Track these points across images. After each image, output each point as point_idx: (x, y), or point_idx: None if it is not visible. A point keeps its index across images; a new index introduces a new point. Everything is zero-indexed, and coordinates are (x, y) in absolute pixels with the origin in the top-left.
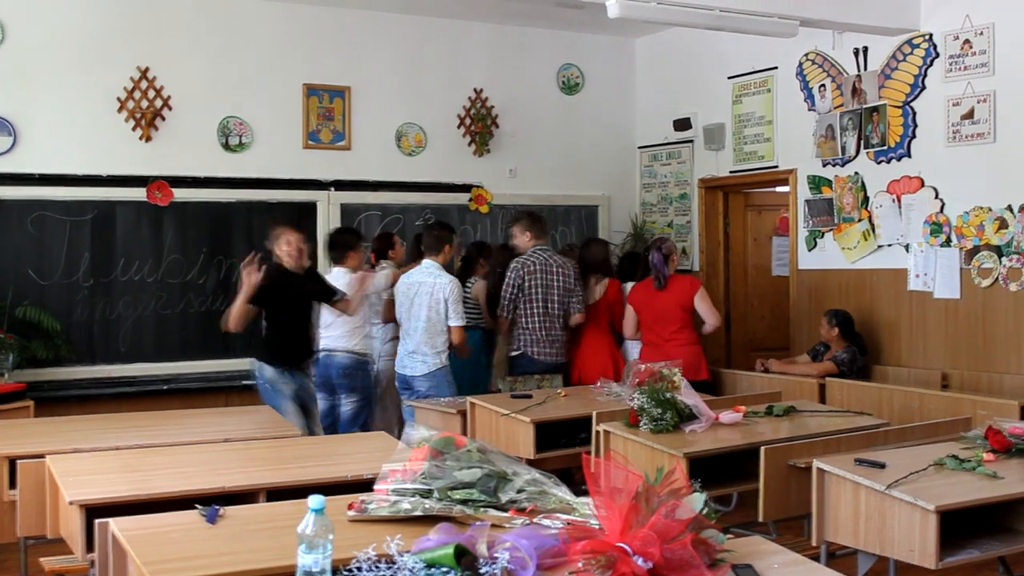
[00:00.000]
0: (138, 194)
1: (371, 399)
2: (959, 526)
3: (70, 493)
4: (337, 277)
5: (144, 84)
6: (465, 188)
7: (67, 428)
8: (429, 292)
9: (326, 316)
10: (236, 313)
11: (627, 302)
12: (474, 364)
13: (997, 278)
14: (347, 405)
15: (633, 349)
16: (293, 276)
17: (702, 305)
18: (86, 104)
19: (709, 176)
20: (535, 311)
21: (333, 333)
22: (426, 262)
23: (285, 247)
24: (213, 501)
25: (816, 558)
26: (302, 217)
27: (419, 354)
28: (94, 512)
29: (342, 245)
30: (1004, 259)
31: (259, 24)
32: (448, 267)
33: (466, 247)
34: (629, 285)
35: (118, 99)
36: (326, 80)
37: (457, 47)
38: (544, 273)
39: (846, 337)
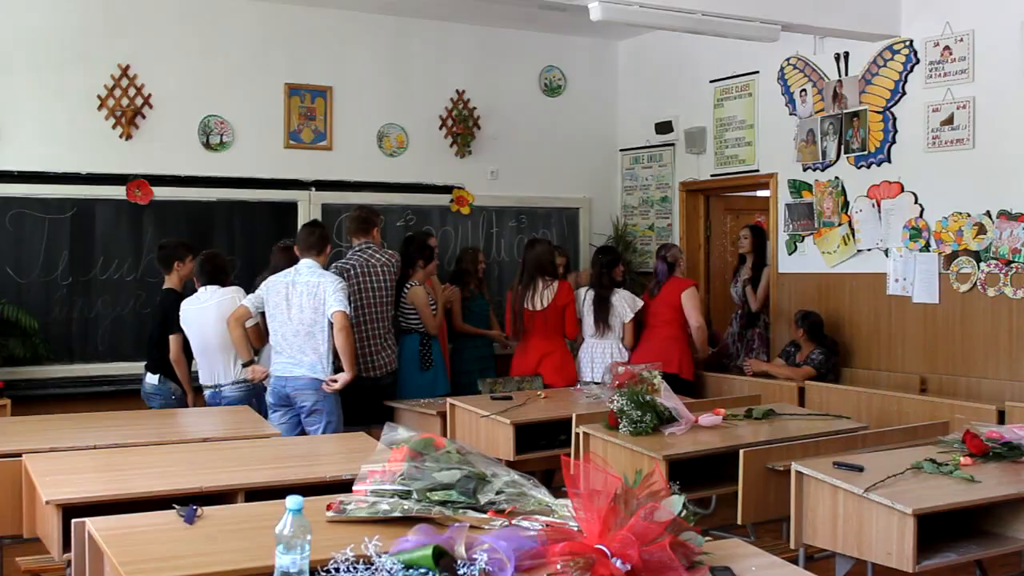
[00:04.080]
0: (118, 192)
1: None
2: (936, 529)
3: (47, 492)
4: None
5: (125, 82)
6: (446, 189)
7: (44, 427)
8: (312, 293)
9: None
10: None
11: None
12: (412, 372)
13: (975, 283)
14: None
15: (587, 353)
16: None
17: (688, 304)
18: (66, 102)
19: (690, 179)
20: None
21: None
22: (305, 261)
23: None
24: (191, 501)
25: (794, 561)
26: (283, 217)
27: (302, 358)
28: (71, 512)
29: (217, 269)
30: (982, 264)
31: (241, 23)
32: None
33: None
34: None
35: (98, 97)
36: (308, 80)
37: (440, 48)
38: (365, 275)
39: (814, 338)
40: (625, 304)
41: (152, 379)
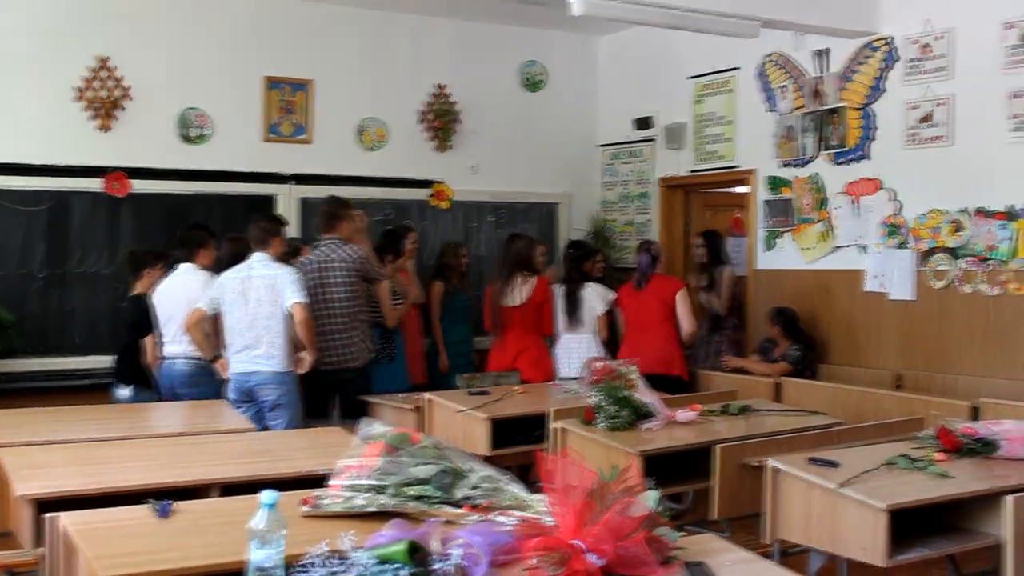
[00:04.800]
0: (95, 185)
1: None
2: (909, 525)
3: (20, 486)
4: (186, 274)
5: (104, 74)
6: (426, 184)
7: (19, 420)
8: (268, 286)
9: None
10: None
11: (616, 304)
12: (371, 362)
13: (952, 280)
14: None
15: (562, 348)
16: None
17: (682, 308)
18: (44, 93)
19: (670, 175)
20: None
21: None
22: (257, 255)
23: None
24: (166, 496)
25: (769, 556)
26: (261, 211)
27: (262, 352)
28: (44, 506)
29: (191, 242)
30: (959, 261)
31: (221, 15)
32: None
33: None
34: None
35: (76, 89)
36: (288, 73)
37: (420, 42)
38: (323, 270)
39: (789, 334)
40: (597, 297)
41: (125, 392)
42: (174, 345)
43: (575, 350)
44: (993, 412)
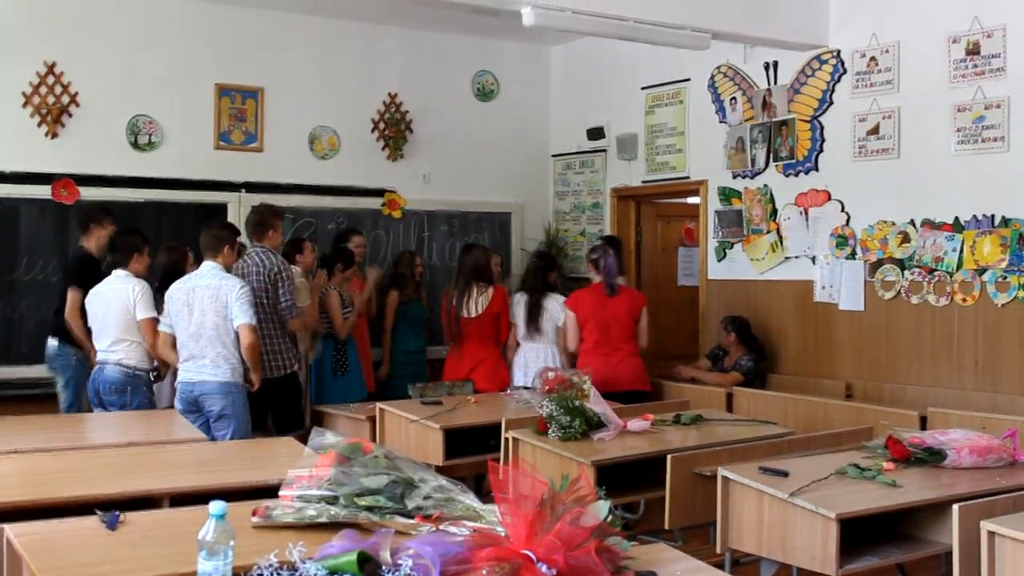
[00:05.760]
0: (43, 192)
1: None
2: (859, 534)
3: None
4: (118, 281)
5: (51, 79)
6: (378, 193)
7: None
8: (214, 296)
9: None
10: None
11: (569, 309)
12: (326, 377)
13: (900, 291)
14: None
15: (520, 358)
16: None
17: (644, 321)
18: None
19: (621, 185)
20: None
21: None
22: (206, 264)
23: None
24: (115, 506)
25: (720, 565)
26: (212, 219)
27: (208, 362)
28: None
29: (126, 247)
30: (906, 272)
31: (171, 22)
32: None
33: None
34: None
35: (23, 94)
36: (239, 80)
37: (372, 51)
38: (241, 277)
39: (743, 341)
40: (559, 307)
41: (52, 343)
42: (105, 353)
43: (533, 359)
44: (941, 421)
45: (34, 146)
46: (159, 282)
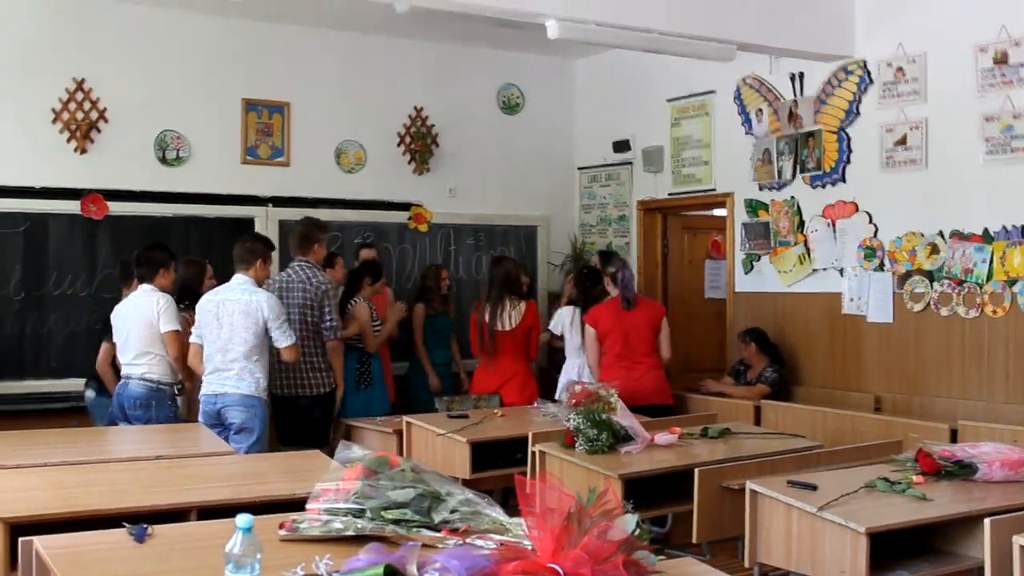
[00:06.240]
0: (72, 207)
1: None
2: (889, 548)
3: None
4: (143, 295)
5: (80, 96)
6: (404, 207)
7: None
8: (244, 311)
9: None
10: None
11: (589, 325)
12: (349, 389)
13: (929, 303)
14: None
15: (574, 371)
16: None
17: (664, 332)
18: (20, 114)
19: (648, 198)
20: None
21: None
22: (237, 277)
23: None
24: (143, 519)
25: None
26: (239, 233)
27: (233, 375)
28: (19, 530)
29: (151, 262)
30: (935, 284)
31: (198, 38)
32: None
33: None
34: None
35: (53, 110)
36: (265, 95)
37: (397, 65)
38: (283, 291)
39: (764, 351)
40: None
41: (90, 393)
42: (129, 367)
43: (588, 373)
44: (971, 434)
45: (63, 162)
46: (177, 295)
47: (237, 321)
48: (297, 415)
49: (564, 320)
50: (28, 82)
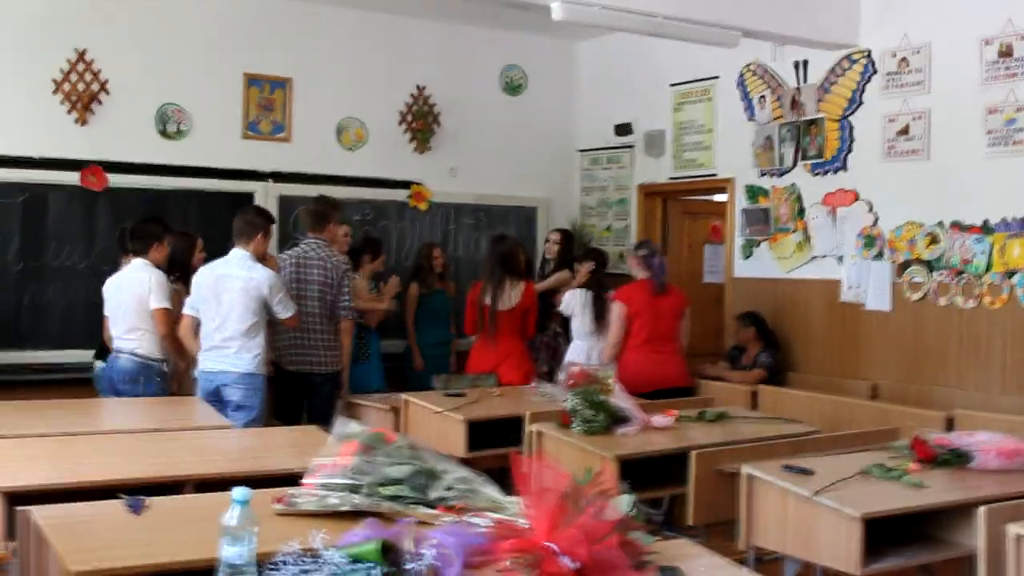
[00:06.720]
0: (72, 178)
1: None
2: (884, 534)
3: None
4: (136, 270)
5: (81, 67)
6: (405, 185)
7: None
8: (243, 288)
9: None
10: None
11: (620, 302)
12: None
13: (927, 292)
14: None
15: (580, 352)
16: None
17: (687, 321)
18: (21, 85)
19: (649, 182)
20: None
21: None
22: (235, 251)
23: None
24: (140, 491)
25: (744, 562)
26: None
27: (231, 353)
28: (16, 499)
29: (145, 236)
30: (934, 274)
31: (201, 11)
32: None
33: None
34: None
35: (54, 81)
36: (267, 70)
37: (401, 43)
38: (300, 268)
39: (762, 336)
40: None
41: (98, 363)
42: (119, 341)
43: (596, 354)
44: (967, 423)
45: (64, 133)
46: (167, 268)
47: (236, 298)
48: (308, 391)
49: (575, 302)
50: (30, 53)
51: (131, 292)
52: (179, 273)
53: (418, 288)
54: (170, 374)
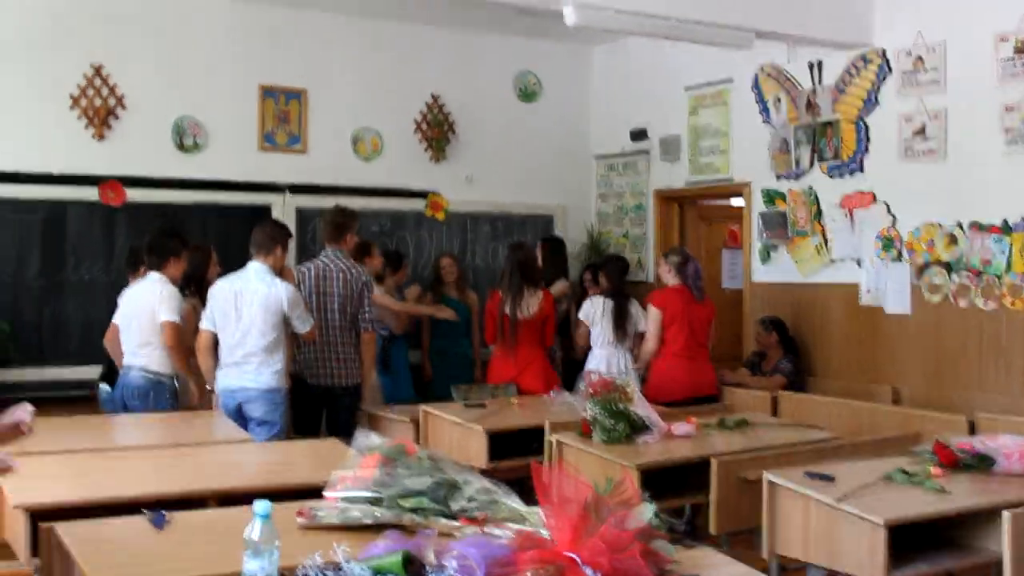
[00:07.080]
0: (90, 194)
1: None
2: (907, 540)
3: (14, 496)
4: (150, 284)
5: (98, 82)
6: (421, 194)
7: None
8: (263, 304)
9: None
10: None
11: (658, 307)
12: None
13: (947, 294)
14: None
15: (601, 361)
16: None
17: (713, 327)
18: (38, 101)
19: (665, 187)
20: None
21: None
22: (253, 265)
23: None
24: (162, 506)
25: (766, 571)
26: (257, 220)
27: (251, 369)
28: (40, 516)
29: (162, 250)
30: (954, 275)
31: (215, 24)
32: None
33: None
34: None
35: (71, 96)
36: (282, 82)
37: (414, 52)
38: (320, 280)
39: (783, 341)
40: (640, 313)
41: (104, 387)
42: (130, 356)
43: (616, 363)
44: (990, 427)
45: (81, 148)
46: (181, 282)
47: (256, 313)
48: (329, 404)
49: (595, 309)
50: (46, 68)
51: (145, 305)
52: (194, 287)
53: (431, 298)
54: (180, 390)
